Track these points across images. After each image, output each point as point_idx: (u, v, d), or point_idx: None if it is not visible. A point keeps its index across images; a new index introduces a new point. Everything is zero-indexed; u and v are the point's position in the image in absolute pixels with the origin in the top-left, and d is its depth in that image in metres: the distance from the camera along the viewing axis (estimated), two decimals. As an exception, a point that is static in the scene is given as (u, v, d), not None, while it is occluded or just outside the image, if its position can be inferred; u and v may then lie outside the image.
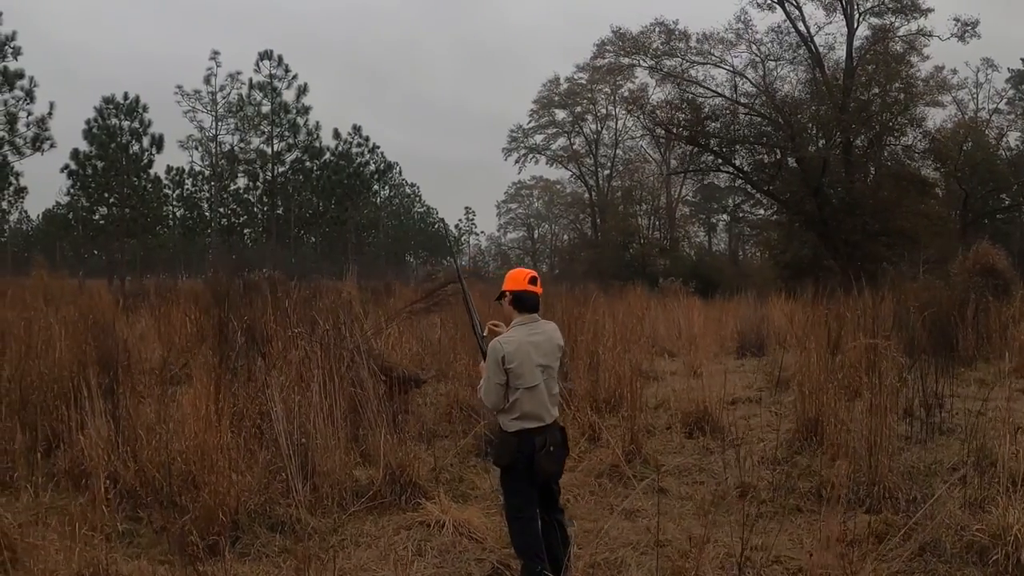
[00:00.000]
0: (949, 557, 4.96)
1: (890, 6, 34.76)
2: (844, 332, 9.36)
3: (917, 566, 4.85)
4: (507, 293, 4.48)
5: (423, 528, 5.47)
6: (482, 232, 77.58)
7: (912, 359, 8.26)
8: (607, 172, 56.72)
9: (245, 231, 49.10)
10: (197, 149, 43.80)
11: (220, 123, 43.08)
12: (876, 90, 34.80)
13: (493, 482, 6.43)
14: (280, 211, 46.22)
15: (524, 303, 4.45)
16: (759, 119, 36.45)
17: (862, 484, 5.98)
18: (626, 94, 44.19)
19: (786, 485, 6.30)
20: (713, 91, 37.33)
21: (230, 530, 5.19)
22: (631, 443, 7.16)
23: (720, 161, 38.17)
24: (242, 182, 46.31)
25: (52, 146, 34.48)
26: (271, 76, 43.13)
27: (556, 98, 53.92)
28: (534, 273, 4.53)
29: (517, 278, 4.49)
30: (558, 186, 65.86)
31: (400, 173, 65.00)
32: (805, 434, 7.45)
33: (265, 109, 43.30)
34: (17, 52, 33.39)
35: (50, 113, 34.10)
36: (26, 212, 61.71)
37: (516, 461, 4.31)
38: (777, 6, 35.74)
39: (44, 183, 64.61)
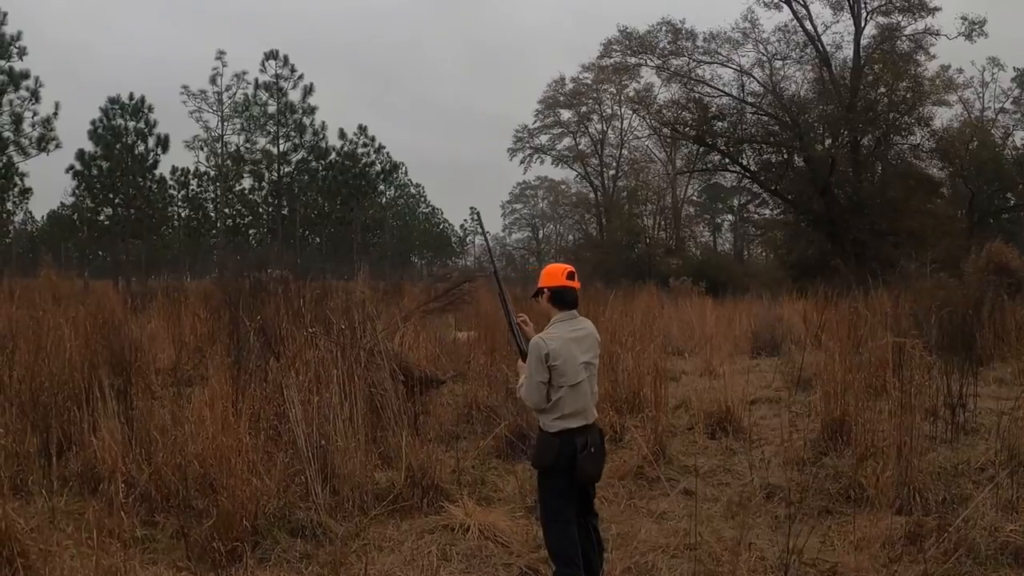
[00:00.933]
0: (984, 559, 4.88)
1: (897, 5, 34.69)
2: (865, 331, 9.25)
3: (952, 568, 4.74)
4: (545, 290, 4.35)
5: (447, 532, 5.36)
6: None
7: (935, 358, 8.14)
8: (612, 172, 56.59)
9: (250, 232, 49.04)
10: (202, 149, 43.69)
11: (226, 123, 43.01)
12: (883, 89, 34.78)
13: (517, 484, 6.33)
14: (285, 211, 46.12)
15: (564, 299, 4.34)
16: (766, 118, 36.46)
17: (892, 485, 5.85)
18: (632, 94, 44.17)
19: (814, 486, 6.18)
20: (720, 90, 37.35)
21: (249, 535, 5.07)
22: (655, 444, 7.03)
23: (727, 160, 38.18)
24: (247, 182, 46.27)
25: (57, 147, 34.36)
26: (277, 76, 43.01)
27: (561, 98, 53.72)
28: (571, 268, 4.41)
29: (555, 274, 4.37)
30: (563, 186, 65.72)
31: (405, 173, 64.71)
32: (830, 434, 7.32)
33: (271, 109, 43.22)
34: (22, 52, 33.30)
35: (55, 113, 34.00)
36: (31, 213, 61.78)
37: (557, 463, 4.18)
38: (784, 5, 35.76)
39: (49, 184, 64.48)
